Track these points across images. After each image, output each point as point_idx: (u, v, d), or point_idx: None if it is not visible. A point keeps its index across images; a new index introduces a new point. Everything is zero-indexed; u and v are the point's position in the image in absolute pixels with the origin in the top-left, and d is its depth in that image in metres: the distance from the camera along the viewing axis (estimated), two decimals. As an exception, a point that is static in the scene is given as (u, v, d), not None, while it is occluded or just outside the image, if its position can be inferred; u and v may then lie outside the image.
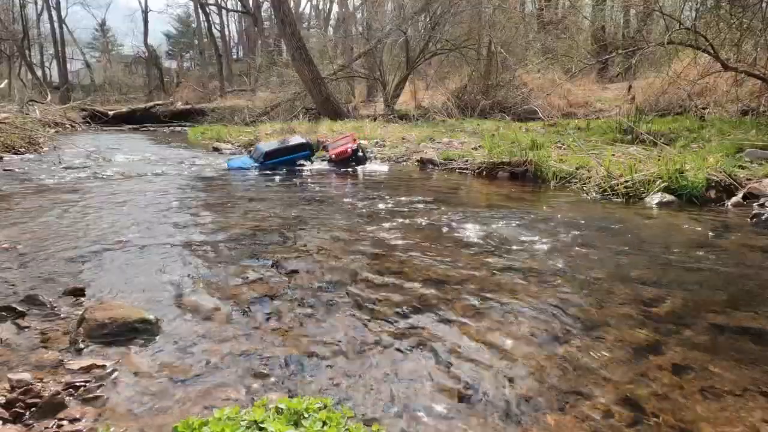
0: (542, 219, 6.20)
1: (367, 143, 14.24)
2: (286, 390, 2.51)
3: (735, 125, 11.04)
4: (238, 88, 34.31)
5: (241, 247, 4.98)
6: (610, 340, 3.05)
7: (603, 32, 20.83)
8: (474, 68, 21.00)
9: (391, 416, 2.33)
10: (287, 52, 23.46)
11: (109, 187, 8.54)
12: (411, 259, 4.57)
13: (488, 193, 8.39)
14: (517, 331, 3.16)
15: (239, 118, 23.57)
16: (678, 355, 2.89)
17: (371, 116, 20.45)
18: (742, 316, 3.41)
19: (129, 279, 4.03)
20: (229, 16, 46.96)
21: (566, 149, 10.49)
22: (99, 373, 2.62)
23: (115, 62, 50.96)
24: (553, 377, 2.67)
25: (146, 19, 46.57)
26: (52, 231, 5.47)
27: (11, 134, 14.02)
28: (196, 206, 7.13)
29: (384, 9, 26.94)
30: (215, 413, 1.83)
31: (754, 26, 10.85)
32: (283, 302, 3.61)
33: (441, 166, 11.04)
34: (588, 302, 3.63)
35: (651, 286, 3.92)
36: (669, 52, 12.61)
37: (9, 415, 2.24)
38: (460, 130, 15.14)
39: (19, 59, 37.41)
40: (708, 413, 2.36)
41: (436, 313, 3.42)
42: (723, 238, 5.39)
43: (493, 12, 20.44)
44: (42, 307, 3.41)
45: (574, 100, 18.69)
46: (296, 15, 33.93)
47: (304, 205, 7.13)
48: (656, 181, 7.23)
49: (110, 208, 6.84)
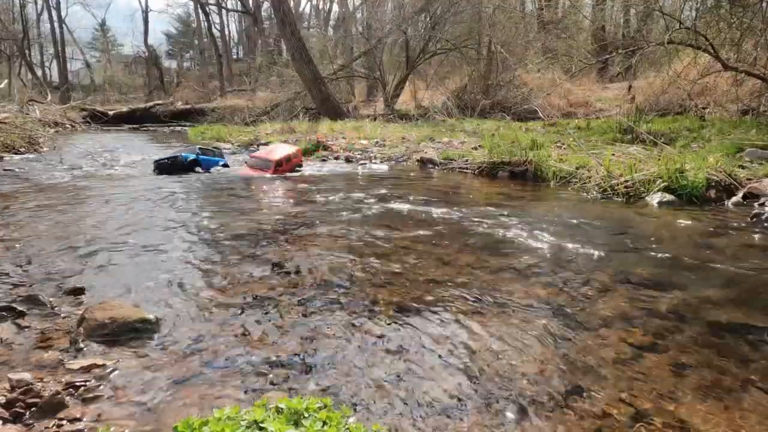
0: (542, 218, 6.20)
1: (367, 143, 14.25)
2: (286, 389, 2.51)
3: (735, 125, 11.04)
4: (238, 88, 34.31)
5: (241, 246, 4.98)
6: (610, 339, 3.05)
7: (603, 32, 20.82)
8: (474, 68, 21.01)
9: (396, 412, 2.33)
10: (287, 51, 23.48)
11: (109, 188, 8.54)
12: (411, 258, 4.58)
13: (488, 193, 8.39)
14: (516, 331, 3.16)
15: (239, 118, 23.57)
16: (678, 353, 2.89)
17: (371, 116, 20.47)
18: (742, 315, 3.41)
19: (129, 279, 4.03)
20: (229, 16, 47.03)
21: (566, 149, 10.49)
22: (99, 372, 2.63)
23: (115, 62, 50.99)
24: (552, 375, 2.67)
25: (146, 19, 46.66)
26: (52, 231, 5.47)
27: (11, 134, 14.03)
28: (196, 206, 7.13)
29: (384, 9, 26.95)
30: (215, 413, 1.83)
31: (754, 26, 10.85)
32: (283, 301, 3.61)
33: (441, 165, 11.04)
34: (588, 301, 3.63)
35: (651, 285, 3.92)
36: (669, 51, 12.59)
37: (9, 414, 2.25)
38: (460, 130, 15.15)
39: (19, 59, 37.44)
40: (708, 412, 2.36)
41: (436, 312, 3.42)
42: (723, 237, 5.39)
43: (493, 12, 20.44)
44: (42, 307, 3.41)
45: (574, 100, 18.69)
46: (296, 15, 33.95)
47: (303, 208, 7.13)
48: (656, 181, 7.24)
49: (110, 208, 6.84)
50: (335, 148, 13.87)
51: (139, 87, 43.94)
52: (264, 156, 10.68)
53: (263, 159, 10.50)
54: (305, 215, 6.48)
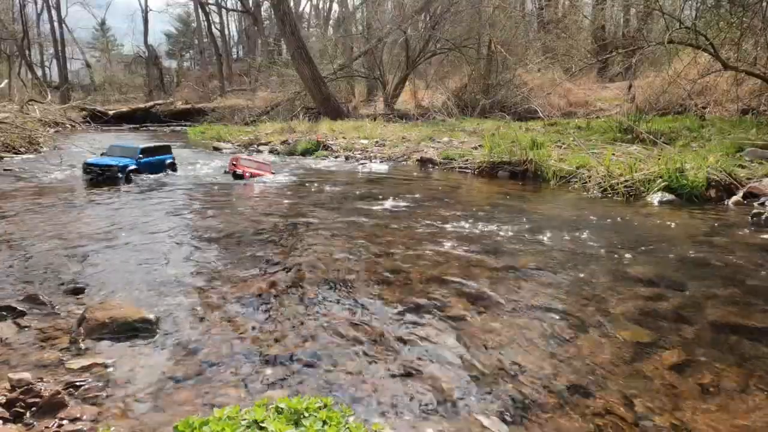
0: (543, 217, 6.19)
1: (367, 142, 14.24)
2: (286, 388, 2.51)
3: (735, 124, 11.03)
4: (238, 88, 34.26)
5: (240, 245, 4.98)
6: (610, 337, 3.05)
7: (603, 31, 20.79)
8: (474, 68, 20.99)
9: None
10: (287, 51, 23.46)
11: (109, 187, 8.52)
12: (411, 257, 4.57)
13: (488, 192, 8.38)
14: (516, 329, 3.16)
15: (239, 118, 23.58)
16: (678, 352, 2.89)
17: (371, 115, 20.44)
18: (742, 314, 3.41)
19: (129, 278, 4.03)
20: (229, 16, 46.98)
21: (566, 148, 10.48)
22: (99, 372, 2.63)
23: (115, 62, 50.93)
24: (552, 373, 2.66)
25: (146, 19, 46.61)
26: (52, 230, 5.46)
27: (11, 134, 14.02)
28: (196, 206, 7.13)
29: (384, 8, 26.93)
30: (215, 412, 1.82)
31: (755, 25, 10.84)
32: (283, 300, 3.61)
33: (441, 165, 11.03)
34: (588, 299, 3.63)
35: (651, 283, 3.92)
36: (669, 51, 12.57)
37: (9, 414, 2.25)
38: (460, 130, 15.13)
39: (19, 59, 37.38)
40: (708, 411, 2.36)
41: (436, 311, 3.41)
42: (723, 236, 5.39)
43: (493, 11, 20.42)
44: (42, 307, 3.41)
45: (574, 100, 18.66)
46: (296, 14, 33.92)
47: (302, 208, 7.12)
48: (656, 180, 7.24)
49: (110, 208, 6.84)
50: (335, 148, 13.87)
51: (139, 87, 43.88)
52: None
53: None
54: (305, 215, 6.48)
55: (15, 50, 36.93)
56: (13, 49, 36.62)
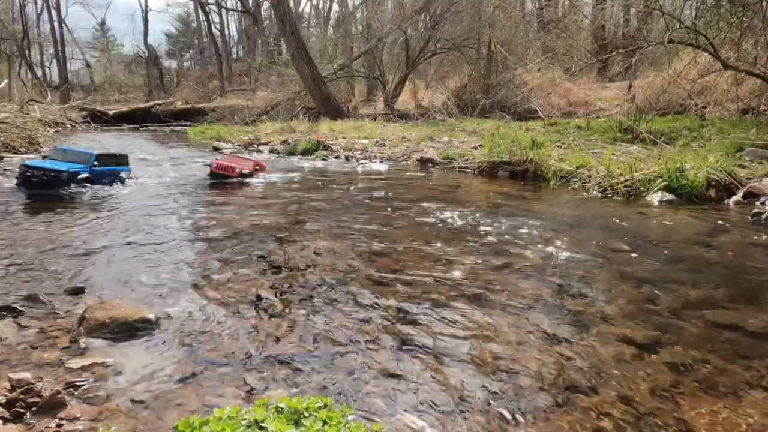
0: (543, 217, 6.20)
1: (367, 142, 14.24)
2: (286, 388, 2.51)
3: (735, 124, 11.04)
4: (238, 88, 34.28)
5: (240, 244, 4.98)
6: (610, 336, 3.05)
7: (603, 31, 20.80)
8: (474, 67, 20.99)
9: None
10: (287, 51, 23.46)
11: (109, 187, 8.51)
12: (411, 257, 4.57)
13: (489, 192, 8.38)
14: (516, 329, 3.16)
15: (239, 118, 23.60)
16: (678, 351, 2.89)
17: (371, 115, 20.45)
18: (742, 313, 3.41)
19: (129, 278, 4.03)
20: (229, 16, 47.00)
21: (566, 148, 10.49)
22: (99, 372, 2.63)
23: (115, 62, 50.95)
24: (551, 373, 2.66)
25: (146, 19, 46.64)
26: (51, 230, 5.46)
27: (11, 134, 14.02)
28: (196, 206, 7.13)
29: (384, 8, 26.93)
30: (216, 412, 1.82)
31: (755, 25, 10.84)
32: (283, 300, 3.61)
33: (441, 165, 11.04)
34: (588, 299, 3.63)
35: (651, 283, 3.92)
36: (669, 51, 12.57)
37: (9, 414, 2.25)
38: (460, 130, 15.13)
39: (19, 59, 37.40)
40: (708, 410, 2.36)
41: (435, 310, 3.41)
42: (724, 236, 5.39)
43: (493, 11, 20.42)
44: (42, 306, 3.41)
45: (574, 99, 18.66)
46: (296, 14, 33.92)
47: (301, 208, 7.12)
48: (656, 180, 7.25)
49: (110, 208, 6.84)
50: (335, 148, 13.88)
51: (139, 87, 43.90)
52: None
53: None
54: (304, 215, 6.48)
55: (15, 50, 36.94)
56: (13, 49, 36.63)
